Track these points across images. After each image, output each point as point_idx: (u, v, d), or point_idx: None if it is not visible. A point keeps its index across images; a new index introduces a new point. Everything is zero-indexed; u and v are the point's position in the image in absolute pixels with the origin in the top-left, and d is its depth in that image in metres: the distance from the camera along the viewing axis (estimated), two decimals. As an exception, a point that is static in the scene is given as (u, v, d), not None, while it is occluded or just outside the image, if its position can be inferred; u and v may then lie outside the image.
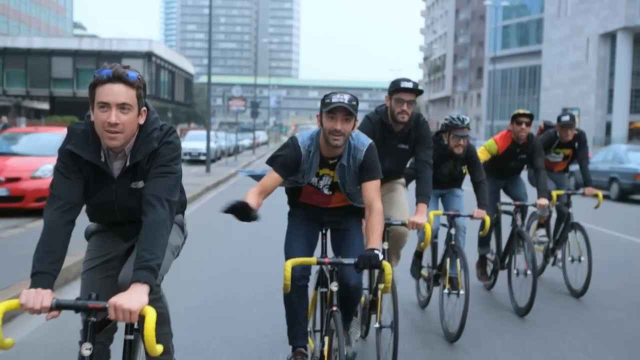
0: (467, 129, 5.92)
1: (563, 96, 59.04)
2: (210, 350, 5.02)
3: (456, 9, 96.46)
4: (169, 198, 2.86)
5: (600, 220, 12.53)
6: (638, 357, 5.41)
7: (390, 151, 5.15)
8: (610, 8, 51.62)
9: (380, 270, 3.93)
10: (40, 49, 53.45)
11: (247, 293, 6.76)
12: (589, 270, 7.07)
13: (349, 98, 3.72)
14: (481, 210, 5.98)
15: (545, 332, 5.86)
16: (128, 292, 2.57)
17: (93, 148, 2.91)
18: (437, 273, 6.22)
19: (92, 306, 2.58)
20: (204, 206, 13.93)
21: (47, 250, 2.72)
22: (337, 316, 3.56)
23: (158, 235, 2.76)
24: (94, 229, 3.35)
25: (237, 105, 33.62)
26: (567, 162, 8.06)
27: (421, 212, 4.91)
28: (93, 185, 2.99)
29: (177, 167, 2.97)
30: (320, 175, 4.05)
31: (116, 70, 2.79)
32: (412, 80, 4.93)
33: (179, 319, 5.00)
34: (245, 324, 5.72)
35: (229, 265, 8.27)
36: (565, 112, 7.78)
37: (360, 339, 5.29)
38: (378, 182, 3.96)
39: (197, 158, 29.73)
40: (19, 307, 2.56)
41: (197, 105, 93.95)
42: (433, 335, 5.63)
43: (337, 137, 3.76)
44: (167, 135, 2.99)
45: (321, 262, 3.53)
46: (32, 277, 2.65)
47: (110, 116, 2.76)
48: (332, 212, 4.22)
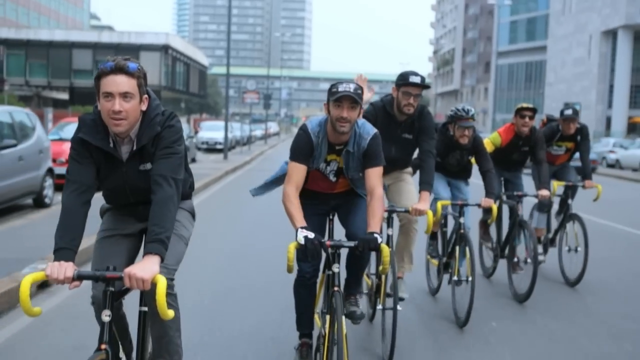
0: (472, 119, 5.99)
1: (566, 91, 59.89)
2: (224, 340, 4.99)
3: (465, 4, 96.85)
4: (174, 176, 3.02)
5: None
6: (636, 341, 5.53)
7: (395, 140, 5.23)
8: (612, 6, 52.52)
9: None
10: (61, 42, 54.96)
11: (256, 280, 6.87)
12: (584, 260, 7.16)
13: (354, 87, 3.85)
14: (489, 199, 6.01)
15: (545, 318, 5.97)
16: (141, 263, 2.75)
17: (102, 135, 3.07)
18: (447, 261, 6.29)
19: (109, 276, 2.76)
20: (225, 187, 15.93)
21: (67, 229, 2.89)
22: (338, 296, 3.68)
23: (166, 211, 2.93)
24: (108, 207, 3.52)
25: (252, 98, 35.78)
26: (569, 156, 8.04)
27: (424, 199, 5.05)
28: (104, 169, 3.14)
29: (180, 148, 3.12)
30: (328, 161, 4.14)
31: (118, 62, 2.94)
32: (420, 74, 5.03)
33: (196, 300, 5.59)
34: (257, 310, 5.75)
35: (240, 244, 9.03)
36: (568, 106, 7.80)
37: (368, 322, 5.57)
38: (380, 170, 4.04)
39: (214, 147, 31.94)
40: (45, 278, 2.75)
41: (209, 96, 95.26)
42: (442, 321, 5.77)
43: (343, 124, 3.87)
44: (168, 120, 3.14)
45: (320, 241, 3.60)
46: (54, 253, 2.82)
47: (114, 104, 2.92)
48: (337, 196, 4.33)
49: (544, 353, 5.11)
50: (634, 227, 11.90)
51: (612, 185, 21.47)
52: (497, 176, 6.94)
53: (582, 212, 7.96)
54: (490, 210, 6.14)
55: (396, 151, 5.25)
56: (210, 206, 12.42)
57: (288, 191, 3.87)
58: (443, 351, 5.08)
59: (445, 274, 6.36)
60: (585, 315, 6.23)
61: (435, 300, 6.52)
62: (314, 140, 4.00)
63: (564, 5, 62.95)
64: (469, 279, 5.55)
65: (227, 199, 13.59)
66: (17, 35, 55.14)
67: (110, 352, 2.81)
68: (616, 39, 53.60)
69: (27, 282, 2.63)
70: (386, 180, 5.39)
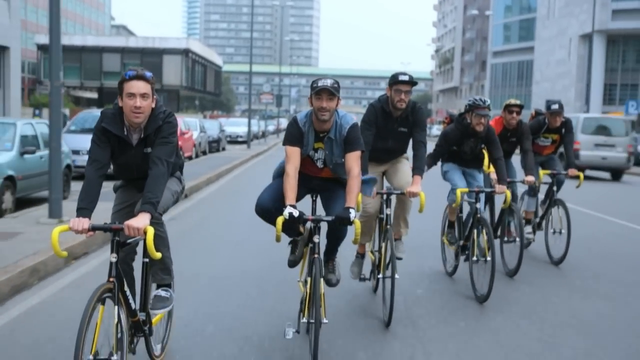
0: (488, 109, 6.28)
1: (550, 89, 63.96)
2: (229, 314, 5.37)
3: (464, 5, 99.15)
4: (167, 159, 3.86)
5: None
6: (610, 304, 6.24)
7: (392, 133, 5.73)
8: (587, 12, 56.79)
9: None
10: (92, 46, 59.75)
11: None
12: (567, 241, 7.68)
13: (331, 82, 4.40)
14: (502, 185, 6.37)
15: (534, 287, 6.72)
16: (136, 218, 3.62)
17: (119, 125, 3.90)
18: (465, 244, 6.67)
19: (114, 227, 3.62)
20: (248, 171, 21.30)
21: (87, 194, 3.73)
22: (317, 262, 4.21)
23: (158, 183, 3.77)
24: (119, 185, 4.35)
25: (267, 98, 42.00)
26: (555, 147, 8.42)
27: (416, 182, 5.54)
28: (118, 150, 3.97)
29: (173, 139, 3.94)
30: (315, 149, 4.66)
31: (138, 71, 3.82)
32: (408, 73, 5.54)
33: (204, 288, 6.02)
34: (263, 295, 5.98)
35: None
36: (554, 101, 8.17)
37: (372, 292, 6.18)
38: (358, 154, 4.52)
39: (236, 140, 38.22)
40: (69, 229, 3.56)
41: (222, 94, 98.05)
42: (461, 298, 6.18)
43: (323, 112, 4.41)
44: (167, 117, 3.97)
45: (306, 219, 4.22)
46: (77, 211, 3.67)
47: (136, 102, 3.77)
48: (320, 180, 4.86)
49: (533, 313, 5.86)
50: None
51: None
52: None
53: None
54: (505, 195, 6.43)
55: (393, 143, 5.81)
56: (242, 179, 18.06)
57: (288, 170, 4.42)
58: (451, 319, 5.61)
59: (462, 255, 6.79)
60: (569, 288, 6.83)
61: (445, 280, 6.96)
62: (302, 128, 4.53)
63: (548, 10, 67.26)
64: (487, 259, 5.99)
65: (254, 174, 19.03)
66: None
67: (117, 284, 3.59)
68: (592, 42, 58.62)
69: (56, 231, 3.48)
70: (385, 167, 6.05)
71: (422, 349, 4.89)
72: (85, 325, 3.35)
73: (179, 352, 4.68)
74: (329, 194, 4.85)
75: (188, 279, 6.40)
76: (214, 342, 4.88)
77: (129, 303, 3.83)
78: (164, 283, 4.28)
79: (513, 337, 5.23)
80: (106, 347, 3.62)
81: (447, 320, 5.60)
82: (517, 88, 79.01)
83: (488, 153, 6.71)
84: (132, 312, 3.90)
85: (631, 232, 10.99)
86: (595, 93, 57.80)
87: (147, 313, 4.17)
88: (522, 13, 78.96)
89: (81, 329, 3.33)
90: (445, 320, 5.60)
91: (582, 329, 5.54)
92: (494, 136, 6.56)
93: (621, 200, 16.24)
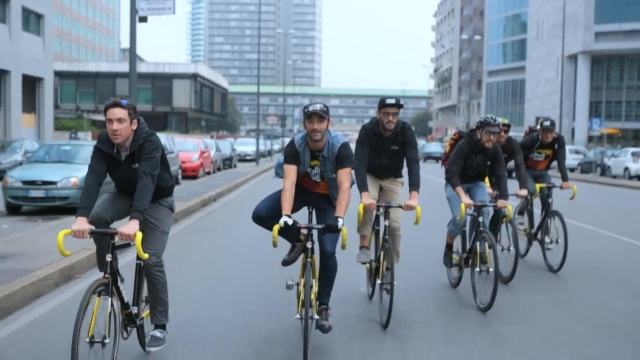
0: (498, 127, 6.54)
1: (541, 107, 66.72)
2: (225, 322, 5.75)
3: (461, 27, 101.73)
4: (151, 172, 4.42)
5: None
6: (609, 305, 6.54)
7: (384, 152, 6.18)
8: (573, 35, 60.05)
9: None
10: (106, 72, 62.06)
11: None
12: (564, 250, 7.80)
13: (320, 106, 4.91)
14: (504, 200, 6.67)
15: (533, 295, 6.97)
16: (127, 225, 4.21)
17: (110, 146, 4.53)
18: (468, 256, 6.80)
19: (110, 232, 4.23)
20: (259, 183, 24.65)
21: (87, 197, 4.37)
22: (308, 265, 4.80)
23: (144, 193, 4.36)
24: (114, 191, 4.94)
25: (272, 120, 45.52)
26: (548, 162, 8.61)
27: (413, 197, 5.94)
28: (111, 166, 4.61)
29: (156, 154, 4.51)
30: (312, 166, 5.18)
31: (115, 100, 4.43)
32: (394, 97, 6.02)
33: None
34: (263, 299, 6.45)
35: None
36: (545, 118, 8.44)
37: (367, 299, 6.55)
38: (348, 170, 5.03)
39: (245, 158, 41.89)
40: (70, 233, 4.15)
41: (228, 115, 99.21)
42: (464, 308, 6.37)
43: (315, 133, 4.92)
44: (149, 136, 4.54)
45: (299, 226, 4.73)
46: (77, 210, 4.32)
47: (113, 126, 4.38)
48: (315, 195, 5.39)
49: (542, 318, 6.11)
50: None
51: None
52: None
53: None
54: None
55: (386, 160, 6.20)
56: (254, 188, 21.28)
57: (285, 185, 4.97)
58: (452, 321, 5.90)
59: (466, 267, 6.90)
60: (567, 296, 7.04)
61: (452, 292, 7.09)
62: (298, 149, 5.10)
63: (537, 32, 70.12)
64: (490, 270, 6.15)
65: (264, 185, 21.83)
66: (69, 67, 62.25)
67: (111, 279, 4.24)
68: (577, 62, 61.30)
69: (61, 235, 4.13)
70: (382, 182, 6.47)
71: (421, 352, 5.17)
72: (82, 312, 3.98)
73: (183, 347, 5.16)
74: (322, 211, 5.40)
75: (222, 251, 9.09)
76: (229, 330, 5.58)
77: (122, 296, 4.47)
78: (161, 324, 4.87)
79: (515, 344, 5.39)
80: (103, 334, 4.21)
81: (448, 327, 5.84)
82: (512, 105, 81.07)
83: (492, 169, 6.97)
84: (125, 304, 4.55)
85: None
86: (580, 110, 60.76)
87: (138, 308, 4.80)
88: (515, 34, 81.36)
89: (78, 315, 3.97)
90: (446, 327, 5.84)
91: (592, 330, 5.79)
92: (500, 154, 6.87)
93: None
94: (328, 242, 5.07)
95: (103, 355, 4.23)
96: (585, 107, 61.29)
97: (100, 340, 4.12)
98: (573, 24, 60.42)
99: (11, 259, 7.86)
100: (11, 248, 8.61)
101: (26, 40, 31.02)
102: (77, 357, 3.92)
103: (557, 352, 5.24)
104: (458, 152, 6.79)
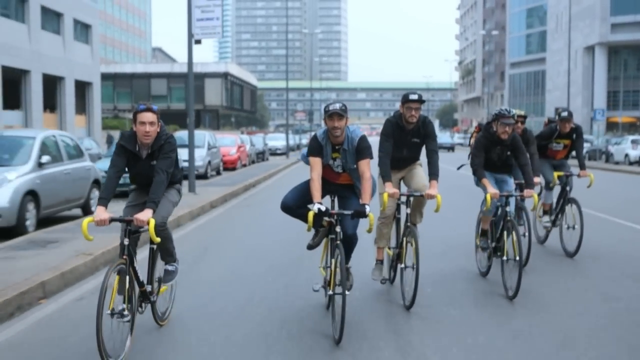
0: (512, 118, 6.74)
1: (561, 97, 65.94)
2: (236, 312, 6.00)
3: (484, 19, 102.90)
4: (167, 170, 4.94)
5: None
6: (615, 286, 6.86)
7: (406, 144, 6.47)
8: (590, 27, 61.47)
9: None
10: (142, 73, 64.33)
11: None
12: (580, 236, 8.11)
13: (339, 106, 5.34)
14: (530, 189, 6.83)
15: (554, 276, 7.33)
16: (142, 212, 4.72)
17: (133, 144, 5.00)
18: (497, 245, 7.03)
19: (126, 219, 4.72)
20: (289, 173, 27.25)
21: (107, 189, 4.87)
22: (340, 246, 5.12)
23: (159, 187, 4.86)
24: (132, 189, 5.46)
25: (301, 116, 48.31)
26: (567, 151, 8.77)
27: (433, 186, 6.17)
28: (132, 162, 5.07)
29: (172, 154, 5.03)
30: (334, 158, 5.61)
31: (147, 105, 4.92)
32: (417, 93, 6.26)
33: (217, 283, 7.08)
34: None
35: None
36: (563, 109, 8.60)
37: (389, 283, 6.82)
38: (368, 160, 5.44)
39: (275, 152, 44.64)
40: (93, 221, 4.64)
41: (257, 111, 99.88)
42: (492, 296, 6.54)
43: (336, 130, 5.37)
44: (168, 138, 5.04)
45: (330, 212, 5.14)
46: (98, 200, 4.82)
47: (146, 128, 4.88)
48: (337, 186, 5.83)
49: (553, 294, 6.57)
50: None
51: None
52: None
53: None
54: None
55: (407, 152, 6.52)
56: (287, 177, 23.89)
57: (312, 176, 5.43)
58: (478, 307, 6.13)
59: (495, 257, 7.09)
60: (581, 275, 7.41)
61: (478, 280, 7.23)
62: (321, 142, 5.55)
63: (556, 24, 71.13)
64: (517, 258, 6.30)
65: (294, 175, 24.22)
66: (107, 69, 63.20)
67: (128, 260, 4.67)
68: (594, 53, 62.52)
69: (86, 221, 4.67)
70: (402, 173, 6.76)
71: (451, 336, 5.29)
72: (104, 288, 4.40)
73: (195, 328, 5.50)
74: (345, 199, 5.82)
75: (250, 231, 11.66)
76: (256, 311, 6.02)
77: (137, 275, 4.91)
78: (170, 262, 5.47)
79: (534, 330, 5.47)
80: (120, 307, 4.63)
81: (472, 312, 6.00)
82: (534, 97, 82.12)
83: (515, 159, 7.08)
84: (140, 283, 5.00)
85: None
86: (599, 100, 61.93)
87: (152, 286, 5.23)
88: (535, 26, 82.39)
89: (102, 290, 4.40)
90: (470, 312, 6.01)
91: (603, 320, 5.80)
92: (520, 143, 6.99)
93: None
94: (349, 226, 5.48)
95: (123, 326, 4.77)
96: (603, 97, 62.44)
97: (120, 311, 4.62)
98: (590, 16, 61.52)
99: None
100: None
101: (77, 49, 34.18)
102: (102, 327, 4.38)
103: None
104: (477, 145, 7.05)
